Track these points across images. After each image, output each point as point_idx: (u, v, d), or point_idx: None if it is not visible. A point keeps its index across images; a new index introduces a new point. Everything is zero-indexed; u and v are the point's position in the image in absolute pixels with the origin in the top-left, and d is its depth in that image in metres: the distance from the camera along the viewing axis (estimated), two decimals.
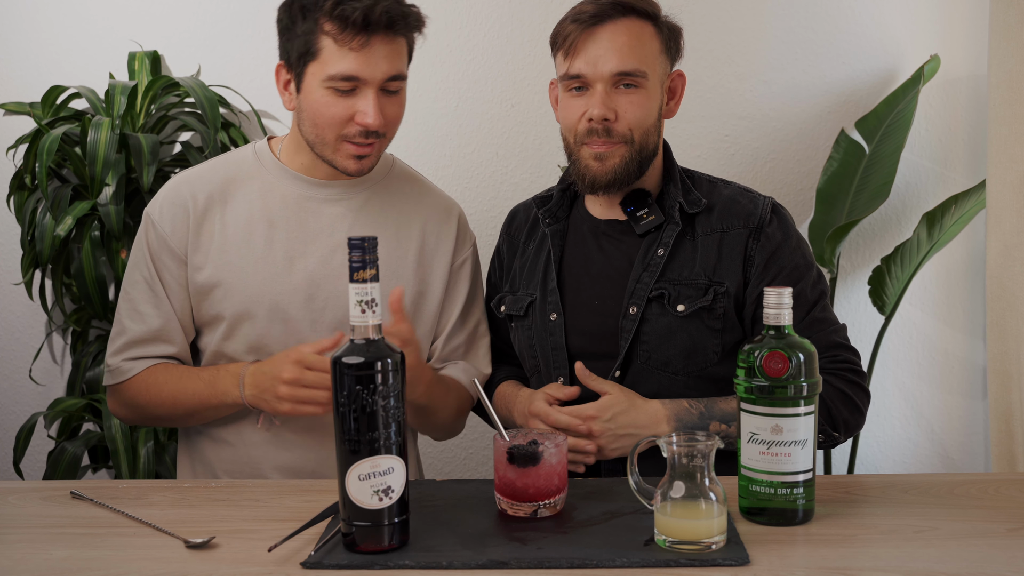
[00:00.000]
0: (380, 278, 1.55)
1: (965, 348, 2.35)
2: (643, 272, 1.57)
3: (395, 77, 1.53)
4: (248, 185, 1.63)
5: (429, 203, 1.71)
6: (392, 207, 1.67)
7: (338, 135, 1.53)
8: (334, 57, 1.48)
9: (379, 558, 1.13)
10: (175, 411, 1.61)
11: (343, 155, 1.55)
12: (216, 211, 1.61)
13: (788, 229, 1.59)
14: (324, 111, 1.52)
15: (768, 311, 1.24)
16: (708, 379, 1.57)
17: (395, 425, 1.14)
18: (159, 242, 1.61)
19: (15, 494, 1.43)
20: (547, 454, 1.27)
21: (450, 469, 2.44)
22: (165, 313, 1.61)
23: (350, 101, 1.51)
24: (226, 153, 1.74)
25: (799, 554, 1.15)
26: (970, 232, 2.31)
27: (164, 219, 1.61)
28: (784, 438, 1.22)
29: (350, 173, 1.58)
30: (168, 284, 1.61)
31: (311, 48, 1.50)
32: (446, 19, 2.34)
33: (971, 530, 1.21)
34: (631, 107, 1.52)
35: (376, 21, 1.47)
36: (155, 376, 1.61)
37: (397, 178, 1.71)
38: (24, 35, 2.35)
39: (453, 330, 1.70)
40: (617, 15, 1.52)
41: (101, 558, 1.17)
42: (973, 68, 2.28)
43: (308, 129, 1.56)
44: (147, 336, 1.62)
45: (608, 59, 1.51)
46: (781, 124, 2.34)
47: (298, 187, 1.63)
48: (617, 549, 1.15)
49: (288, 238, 1.61)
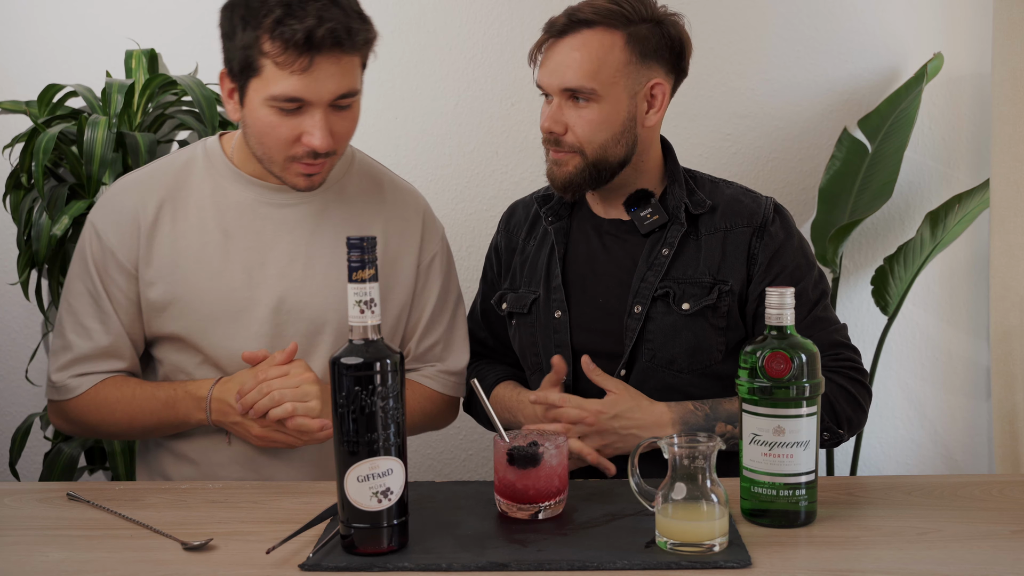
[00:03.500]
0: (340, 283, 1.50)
1: (969, 348, 2.35)
2: (647, 271, 1.58)
3: (345, 95, 1.42)
4: (199, 190, 1.54)
5: (391, 201, 1.63)
6: (353, 209, 1.59)
7: (285, 155, 1.44)
8: (277, 78, 1.37)
9: (378, 560, 1.13)
10: (130, 430, 1.55)
11: (292, 173, 1.47)
12: (167, 221, 1.52)
13: (790, 229, 1.61)
14: (269, 131, 1.42)
15: (770, 311, 1.24)
16: (713, 377, 1.58)
17: (394, 426, 1.14)
18: (105, 255, 1.52)
19: (11, 496, 1.42)
20: (547, 455, 1.26)
21: (450, 471, 2.44)
22: (114, 330, 1.53)
23: (296, 120, 1.41)
24: (174, 153, 1.64)
25: (801, 556, 1.15)
26: (974, 232, 2.31)
27: (109, 230, 1.52)
28: (786, 439, 1.22)
29: (300, 189, 1.50)
30: (116, 299, 1.52)
31: (252, 64, 1.39)
32: (445, 18, 2.33)
33: (975, 532, 1.20)
34: (580, 122, 1.53)
35: (320, 41, 1.35)
36: (105, 394, 1.53)
37: (357, 175, 1.63)
38: (20, 33, 2.34)
39: (427, 328, 1.65)
40: (582, 27, 1.51)
41: (98, 560, 1.17)
42: (977, 66, 2.28)
43: (255, 145, 1.47)
44: (95, 353, 1.53)
45: (560, 73, 1.52)
46: (783, 123, 2.33)
47: (252, 192, 1.54)
48: (618, 551, 1.14)
49: (245, 248, 1.53)
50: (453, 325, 1.68)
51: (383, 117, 2.37)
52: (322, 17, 1.35)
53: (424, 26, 2.34)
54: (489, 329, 1.77)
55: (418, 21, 2.34)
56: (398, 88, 2.36)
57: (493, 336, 1.77)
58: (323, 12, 1.36)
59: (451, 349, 1.68)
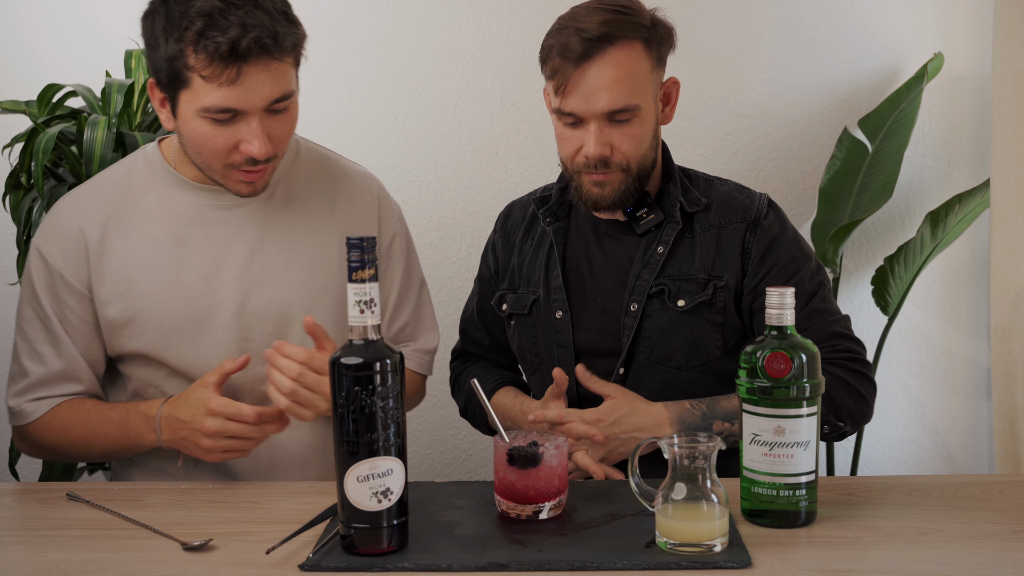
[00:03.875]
0: (302, 277, 1.53)
1: (969, 348, 2.35)
2: (642, 269, 1.58)
3: (279, 99, 1.38)
4: (144, 201, 1.50)
5: (343, 187, 1.60)
6: (304, 200, 1.56)
7: (224, 164, 1.41)
8: (206, 91, 1.33)
9: (378, 560, 1.12)
10: (88, 452, 1.53)
11: (233, 181, 1.44)
12: (115, 237, 1.48)
13: (784, 222, 1.62)
14: (205, 142, 1.39)
15: (770, 311, 1.24)
16: (711, 373, 1.58)
17: (394, 426, 1.13)
18: (53, 278, 1.48)
19: (11, 496, 1.42)
20: (547, 455, 1.26)
21: (450, 471, 2.43)
22: (67, 354, 1.49)
23: (232, 129, 1.37)
24: (113, 166, 1.59)
25: (801, 556, 1.14)
26: (974, 231, 2.31)
27: (55, 253, 1.48)
28: (786, 439, 1.21)
29: (243, 195, 1.46)
30: (69, 322, 1.49)
31: (179, 76, 1.35)
32: (445, 17, 2.33)
33: (975, 532, 1.20)
34: (626, 140, 1.52)
35: (246, 51, 1.31)
36: (62, 416, 1.50)
37: (305, 166, 1.59)
38: (20, 33, 2.34)
39: (396, 310, 1.63)
40: (605, 46, 1.47)
41: (98, 560, 1.16)
42: (977, 66, 2.27)
43: (192, 155, 1.44)
44: (49, 378, 1.50)
45: (599, 98, 1.48)
46: (783, 122, 2.33)
47: (199, 197, 1.51)
48: (618, 551, 1.14)
49: (200, 255, 1.49)
50: (420, 303, 1.67)
51: (383, 117, 2.37)
52: (246, 25, 1.31)
53: (424, 26, 2.34)
54: (486, 329, 1.77)
55: (418, 21, 2.34)
56: (398, 88, 2.36)
57: (490, 336, 1.77)
58: (247, 19, 1.31)
59: (421, 328, 1.67)
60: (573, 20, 1.50)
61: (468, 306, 1.81)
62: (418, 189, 2.38)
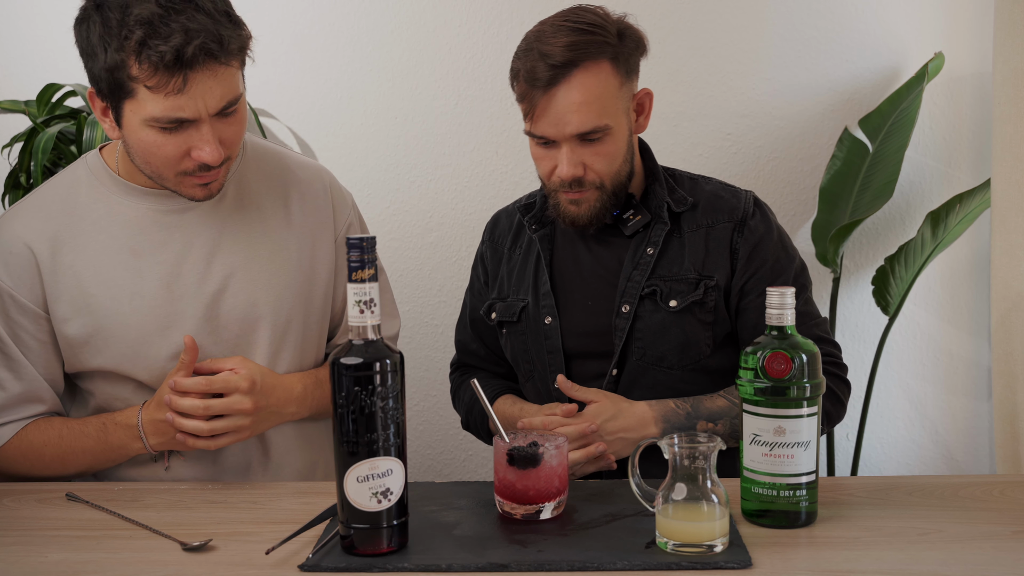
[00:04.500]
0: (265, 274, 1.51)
1: (970, 349, 2.34)
2: (633, 271, 1.59)
3: (229, 103, 1.34)
4: (93, 211, 1.46)
5: (294, 180, 1.58)
6: (257, 196, 1.53)
7: (176, 172, 1.37)
8: (151, 100, 1.29)
9: (378, 561, 1.12)
10: (64, 471, 1.48)
11: (187, 187, 1.40)
12: (67, 252, 1.44)
13: (770, 222, 1.63)
14: (155, 151, 1.34)
15: (771, 311, 1.24)
16: (702, 371, 1.59)
17: (394, 426, 1.13)
18: (5, 300, 1.43)
19: (10, 496, 1.42)
20: (547, 456, 1.26)
21: (450, 471, 2.43)
22: (26, 375, 1.45)
23: (182, 137, 1.33)
24: (52, 180, 1.52)
25: (802, 557, 1.14)
26: (975, 231, 2.30)
27: (2, 273, 1.43)
28: (787, 439, 1.21)
29: (198, 200, 1.43)
30: (24, 342, 1.44)
31: (122, 86, 1.30)
32: (445, 17, 2.33)
33: (976, 533, 1.20)
34: (598, 158, 1.53)
35: (192, 58, 1.26)
36: (30, 439, 1.45)
37: (253, 162, 1.56)
38: (19, 32, 2.34)
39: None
40: (571, 69, 1.47)
41: (97, 561, 1.16)
42: (978, 66, 2.27)
43: (141, 164, 1.39)
44: (10, 402, 1.45)
45: (568, 121, 1.49)
46: (784, 122, 2.33)
47: (149, 203, 1.46)
48: (618, 552, 1.14)
49: (158, 263, 1.46)
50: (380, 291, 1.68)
51: (383, 117, 2.36)
52: (188, 31, 1.26)
53: (424, 26, 2.34)
54: (480, 339, 1.78)
55: (418, 20, 2.34)
56: (398, 88, 2.35)
57: (485, 346, 1.78)
58: (189, 24, 1.26)
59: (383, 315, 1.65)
60: (539, 42, 1.49)
61: (462, 318, 1.82)
62: (418, 189, 2.38)
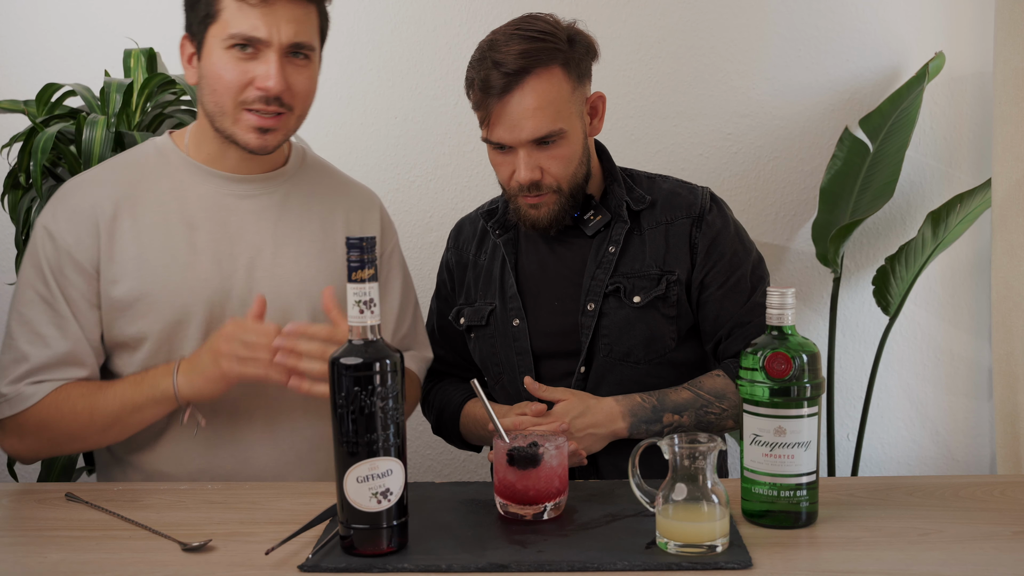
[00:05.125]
0: (310, 272, 1.55)
1: (970, 349, 2.34)
2: (596, 269, 1.63)
3: (301, 45, 1.45)
4: (157, 186, 1.52)
5: (349, 193, 1.67)
6: (313, 200, 1.61)
7: (237, 101, 1.44)
8: (235, 17, 1.41)
9: (377, 561, 1.12)
10: (92, 424, 1.45)
11: (243, 127, 1.46)
12: (126, 217, 1.49)
13: (727, 217, 1.67)
14: (223, 75, 1.43)
15: (771, 311, 1.24)
16: (668, 365, 1.63)
17: (394, 426, 1.13)
18: (60, 256, 1.46)
19: (10, 496, 1.42)
20: (547, 456, 1.26)
21: (450, 471, 2.43)
22: (73, 335, 1.47)
23: (250, 65, 1.43)
24: (121, 154, 1.62)
25: (802, 557, 1.14)
26: (975, 231, 2.30)
27: (65, 230, 1.47)
28: (787, 440, 1.21)
29: (253, 149, 1.48)
30: (74, 301, 1.47)
31: (211, 10, 1.43)
32: (445, 17, 2.33)
33: (976, 533, 1.20)
34: (554, 162, 1.56)
35: None
36: (67, 391, 1.46)
37: (312, 170, 1.65)
38: (18, 32, 2.34)
39: (399, 319, 1.67)
40: (523, 77, 1.51)
41: (96, 561, 1.16)
42: (978, 65, 2.27)
43: (208, 98, 1.47)
44: (53, 361, 1.46)
45: (523, 127, 1.53)
46: (784, 122, 2.32)
47: (212, 184, 1.54)
48: (618, 552, 1.14)
49: (213, 240, 1.51)
50: (416, 319, 1.72)
51: (383, 117, 2.36)
52: None
53: (424, 25, 2.33)
54: (448, 345, 1.79)
55: (418, 20, 2.33)
56: (398, 87, 2.35)
57: (453, 351, 1.79)
58: None
59: (418, 341, 1.72)
60: (492, 51, 1.54)
61: (428, 324, 1.83)
62: (418, 189, 2.38)
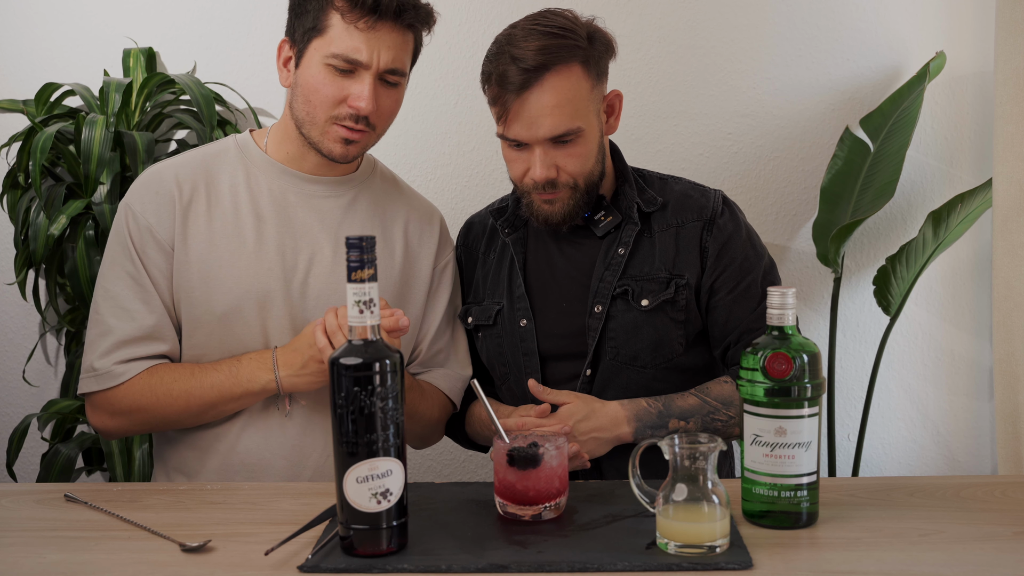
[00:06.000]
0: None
1: (971, 349, 2.34)
2: (605, 271, 1.61)
3: (395, 71, 1.52)
4: (232, 176, 1.59)
5: (413, 205, 1.72)
6: (378, 206, 1.66)
7: (329, 116, 1.51)
8: (340, 35, 1.47)
9: (377, 562, 1.12)
10: (187, 409, 1.52)
11: (331, 138, 1.53)
12: (201, 202, 1.56)
13: (738, 221, 1.65)
14: (320, 88, 1.50)
15: (771, 311, 1.24)
16: (675, 370, 1.61)
17: (394, 427, 1.13)
18: (143, 233, 1.54)
19: (8, 497, 1.41)
20: (547, 456, 1.25)
21: (449, 471, 2.43)
22: (157, 309, 1.54)
23: (346, 83, 1.49)
24: (204, 145, 1.69)
25: (803, 558, 1.14)
26: (976, 231, 2.30)
27: (147, 209, 1.55)
28: (788, 440, 1.21)
29: (335, 158, 1.54)
30: (156, 278, 1.54)
31: (319, 24, 1.49)
32: (445, 15, 2.32)
33: (977, 533, 1.19)
34: (570, 160, 1.55)
35: (386, 6, 1.47)
36: (160, 375, 1.52)
37: (380, 179, 1.71)
38: (18, 32, 2.34)
39: (438, 332, 1.69)
40: (542, 73, 1.50)
41: (95, 562, 1.16)
42: (979, 65, 2.27)
43: (300, 106, 1.53)
44: (140, 335, 1.53)
45: (541, 124, 1.51)
46: (785, 122, 2.32)
47: (285, 181, 1.60)
48: (619, 552, 1.14)
49: (279, 232, 1.57)
50: (456, 334, 1.73)
51: None
52: None
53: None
54: None
55: None
56: None
57: None
58: None
59: (456, 358, 1.71)
60: (510, 45, 1.52)
61: None
62: (419, 189, 2.35)
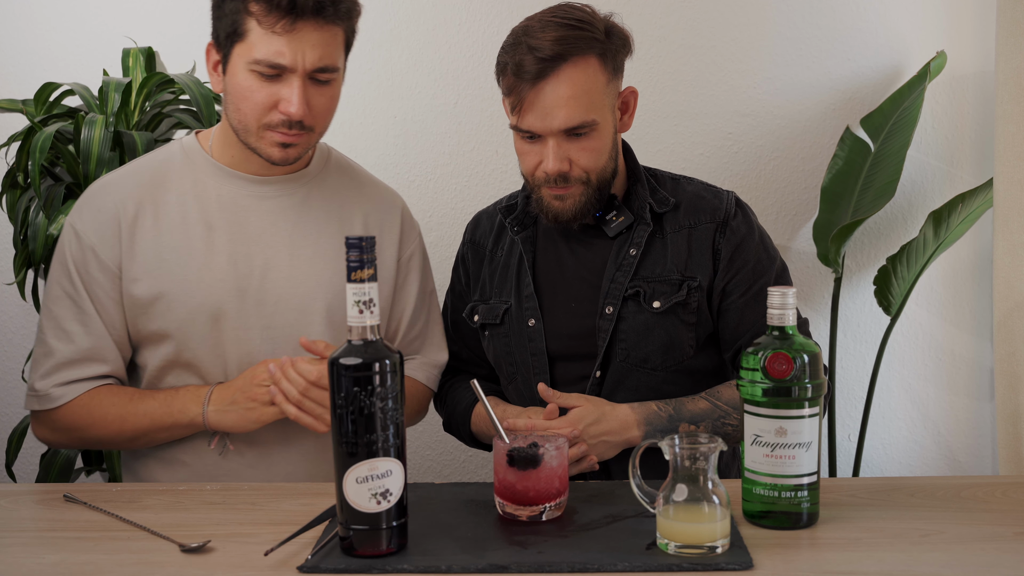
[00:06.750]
0: (327, 273, 1.56)
1: (972, 349, 2.34)
2: (616, 272, 1.60)
3: (325, 68, 1.45)
4: (179, 185, 1.55)
5: (371, 195, 1.67)
6: (333, 201, 1.62)
7: (261, 123, 1.46)
8: (259, 41, 1.41)
9: (377, 562, 1.12)
10: (121, 433, 1.52)
11: (267, 143, 1.48)
12: (147, 217, 1.52)
13: (751, 223, 1.64)
14: (248, 96, 1.44)
15: (772, 311, 1.23)
16: (685, 373, 1.60)
17: (393, 427, 1.13)
18: (85, 254, 1.51)
19: (8, 497, 1.41)
20: (547, 457, 1.25)
21: (450, 472, 2.43)
22: (95, 331, 1.51)
23: (274, 88, 1.44)
24: (149, 153, 1.65)
25: (803, 558, 1.14)
26: (977, 231, 2.30)
27: (89, 229, 1.51)
28: (788, 440, 1.21)
29: (274, 162, 1.50)
30: (98, 299, 1.51)
31: (237, 28, 1.43)
32: (445, 16, 2.32)
33: (978, 534, 1.19)
34: (584, 154, 1.53)
35: (303, 5, 1.39)
36: (100, 398, 1.51)
37: (335, 171, 1.65)
38: (17, 31, 2.34)
39: (411, 322, 1.68)
40: (559, 64, 1.48)
41: (95, 562, 1.16)
42: (980, 65, 2.27)
43: (232, 114, 1.49)
44: (77, 357, 1.51)
45: (555, 116, 1.49)
46: (785, 122, 2.32)
47: (233, 185, 1.55)
48: (619, 553, 1.13)
49: (230, 240, 1.53)
50: (430, 320, 1.72)
51: (383, 116, 2.36)
52: None
53: (423, 24, 2.33)
54: (462, 341, 1.77)
55: (418, 19, 2.33)
56: (398, 87, 2.35)
57: (467, 348, 1.78)
58: None
59: (430, 343, 1.71)
60: (527, 36, 1.51)
61: (443, 320, 1.80)
62: (418, 189, 2.37)
